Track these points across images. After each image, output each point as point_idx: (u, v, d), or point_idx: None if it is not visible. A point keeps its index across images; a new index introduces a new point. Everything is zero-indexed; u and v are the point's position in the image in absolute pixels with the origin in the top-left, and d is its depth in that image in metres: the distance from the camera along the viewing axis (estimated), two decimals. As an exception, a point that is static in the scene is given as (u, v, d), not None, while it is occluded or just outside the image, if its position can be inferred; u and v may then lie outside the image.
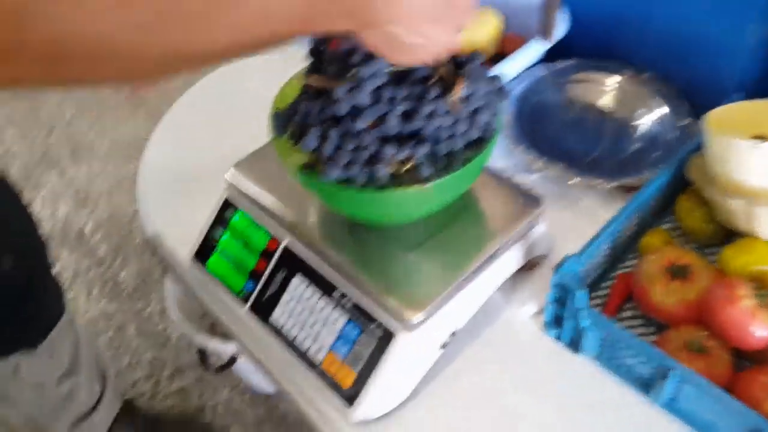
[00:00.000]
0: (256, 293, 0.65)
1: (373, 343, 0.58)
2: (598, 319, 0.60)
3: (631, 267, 0.71)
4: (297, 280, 0.63)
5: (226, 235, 0.68)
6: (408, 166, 0.52)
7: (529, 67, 0.88)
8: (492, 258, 0.62)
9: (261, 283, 0.65)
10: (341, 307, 0.60)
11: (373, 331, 0.58)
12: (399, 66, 0.51)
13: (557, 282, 0.61)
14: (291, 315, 0.63)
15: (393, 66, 0.50)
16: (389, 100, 0.51)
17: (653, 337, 0.65)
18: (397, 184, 0.52)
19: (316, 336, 0.61)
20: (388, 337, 0.57)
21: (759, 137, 0.64)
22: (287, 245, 0.64)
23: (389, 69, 0.50)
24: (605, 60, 0.90)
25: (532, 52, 0.85)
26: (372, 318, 0.58)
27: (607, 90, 0.89)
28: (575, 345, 0.64)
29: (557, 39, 0.87)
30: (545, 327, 0.66)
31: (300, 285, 0.63)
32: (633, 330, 0.66)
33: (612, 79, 0.89)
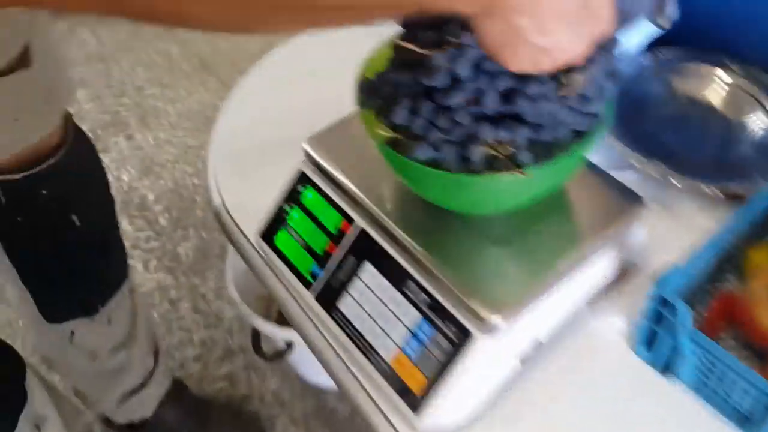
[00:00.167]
0: (323, 278, 0.61)
1: (449, 345, 0.52)
2: (702, 340, 0.53)
3: (728, 285, 0.64)
4: (369, 267, 0.58)
5: (296, 213, 0.63)
6: (505, 151, 0.47)
7: (632, 54, 0.80)
8: (586, 260, 0.56)
9: (330, 268, 0.60)
10: (415, 303, 0.55)
11: (449, 332, 0.52)
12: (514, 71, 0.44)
13: (657, 294, 0.55)
14: (359, 305, 0.58)
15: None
16: (491, 74, 0.45)
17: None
18: (493, 169, 0.47)
19: (384, 331, 0.56)
20: (465, 340, 0.52)
21: None
22: (362, 229, 0.59)
23: None
24: (714, 52, 0.81)
25: (638, 36, 0.77)
26: (449, 317, 0.53)
27: (716, 85, 0.80)
28: (668, 368, 0.57)
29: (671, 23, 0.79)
30: (636, 346, 0.59)
31: (372, 274, 0.57)
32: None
33: (721, 74, 0.80)
